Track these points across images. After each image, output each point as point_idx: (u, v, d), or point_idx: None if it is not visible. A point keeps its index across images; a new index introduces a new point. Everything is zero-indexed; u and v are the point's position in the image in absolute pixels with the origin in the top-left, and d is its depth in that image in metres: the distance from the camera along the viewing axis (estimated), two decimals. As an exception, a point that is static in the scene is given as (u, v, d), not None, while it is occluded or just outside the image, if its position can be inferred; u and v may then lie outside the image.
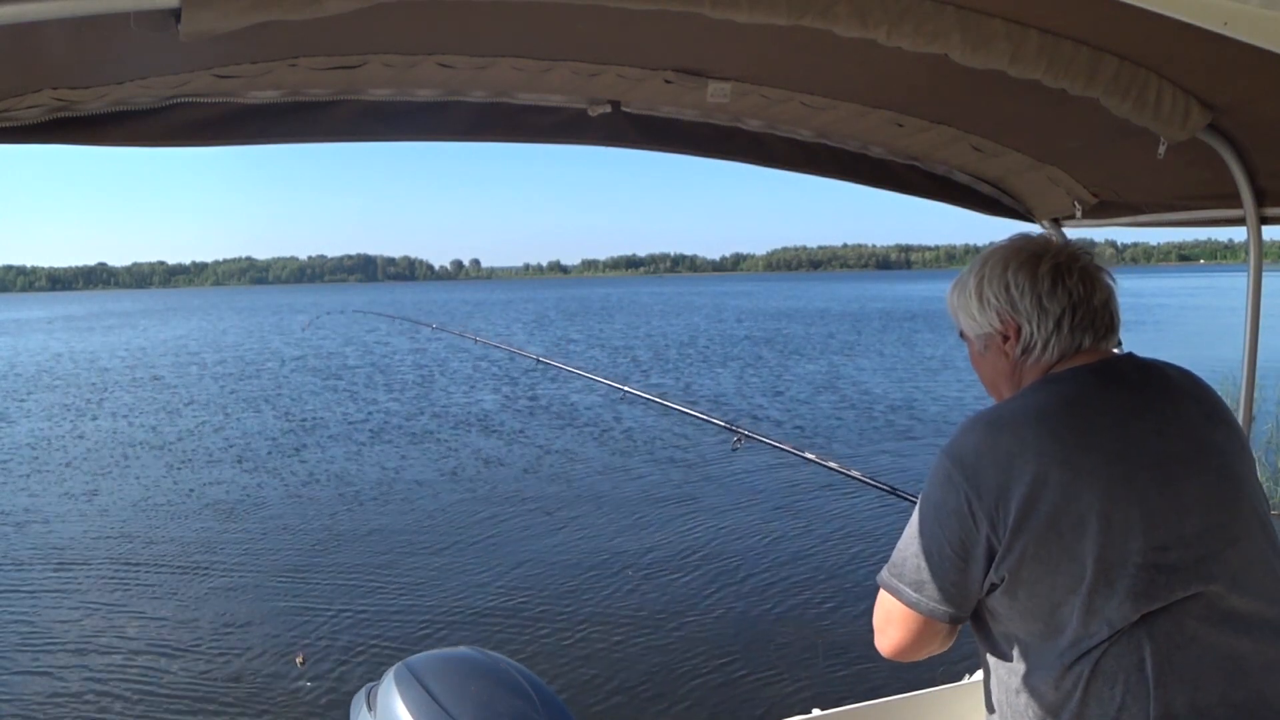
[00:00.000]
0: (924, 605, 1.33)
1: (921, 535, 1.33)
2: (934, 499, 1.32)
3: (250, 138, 1.79)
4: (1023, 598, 1.26)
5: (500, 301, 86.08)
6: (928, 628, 1.36)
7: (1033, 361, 1.38)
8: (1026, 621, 1.27)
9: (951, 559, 1.29)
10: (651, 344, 32.84)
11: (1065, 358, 1.37)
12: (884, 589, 1.40)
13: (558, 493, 11.00)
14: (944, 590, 1.31)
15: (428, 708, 1.55)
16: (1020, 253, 1.40)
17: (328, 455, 13.63)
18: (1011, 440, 1.26)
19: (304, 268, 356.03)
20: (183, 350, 35.10)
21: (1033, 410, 1.30)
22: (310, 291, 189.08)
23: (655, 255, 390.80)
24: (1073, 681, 1.23)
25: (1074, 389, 1.32)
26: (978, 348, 1.47)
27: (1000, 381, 1.45)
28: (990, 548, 1.26)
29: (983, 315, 1.42)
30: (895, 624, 1.39)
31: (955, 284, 1.49)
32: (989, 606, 1.32)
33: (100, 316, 72.56)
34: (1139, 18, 1.11)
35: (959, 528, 1.27)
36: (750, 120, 2.24)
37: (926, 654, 1.43)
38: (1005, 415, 1.32)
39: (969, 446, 1.29)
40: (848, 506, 9.92)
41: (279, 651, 6.51)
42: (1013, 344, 1.39)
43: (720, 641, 6.52)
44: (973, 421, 1.34)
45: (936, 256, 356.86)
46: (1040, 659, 1.27)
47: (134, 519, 10.28)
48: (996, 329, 1.41)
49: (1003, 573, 1.25)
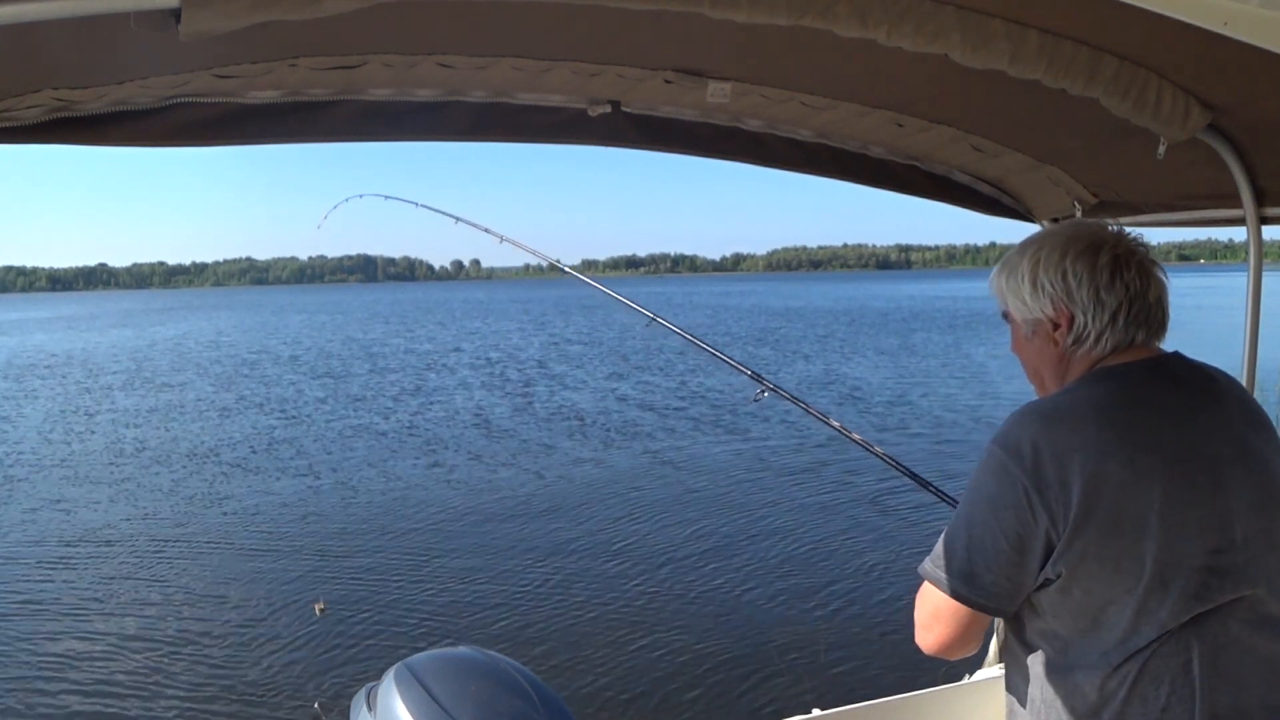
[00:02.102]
0: (974, 599, 1.30)
1: (972, 527, 1.30)
2: (987, 491, 1.28)
3: (250, 138, 1.79)
4: (1077, 595, 1.24)
5: (501, 301, 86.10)
6: (975, 623, 1.34)
7: (1083, 352, 1.36)
8: (1074, 619, 1.26)
9: (1007, 553, 1.26)
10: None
11: (1116, 351, 1.35)
12: (929, 582, 1.36)
13: (560, 492, 11.01)
14: (996, 584, 1.28)
15: (428, 708, 1.55)
16: (1079, 241, 1.36)
17: (328, 455, 13.63)
18: (1070, 434, 1.24)
19: (304, 268, 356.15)
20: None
21: (1091, 404, 1.28)
22: (311, 291, 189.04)
23: (655, 255, 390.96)
24: (1118, 682, 1.23)
25: (1132, 386, 1.30)
26: (1024, 333, 1.44)
27: (1045, 369, 1.42)
28: (1049, 542, 1.24)
29: (1035, 301, 1.38)
30: (942, 619, 1.35)
31: (1003, 266, 1.45)
32: (1033, 601, 1.30)
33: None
34: (1139, 18, 1.11)
35: (1016, 521, 1.25)
36: (750, 120, 2.24)
37: (966, 651, 1.41)
38: (1063, 408, 1.29)
39: (1025, 439, 1.26)
40: (849, 505, 9.92)
41: (279, 651, 6.51)
42: (1063, 332, 1.36)
43: (721, 640, 6.52)
44: (1027, 413, 1.31)
45: (936, 256, 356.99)
46: (1082, 657, 1.26)
47: (134, 517, 10.29)
48: (1048, 316, 1.37)
49: (1060, 568, 1.24)
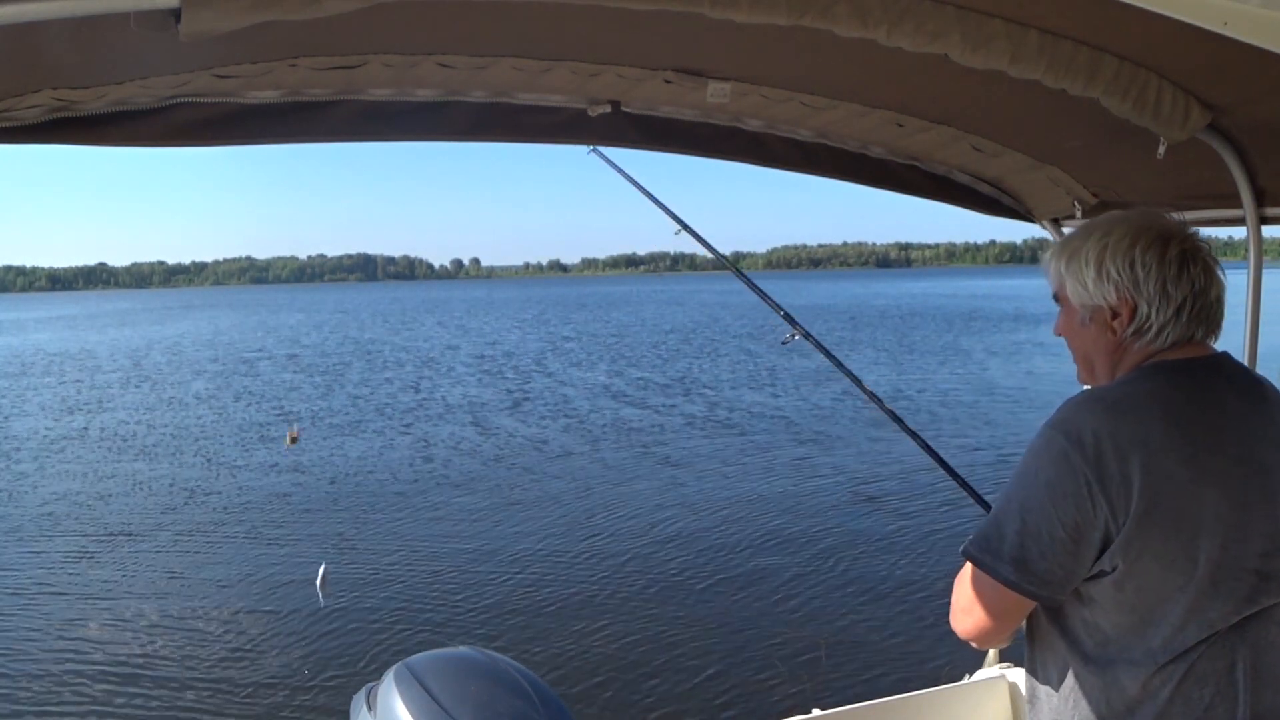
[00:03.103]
0: (1024, 586, 1.27)
1: (1027, 512, 1.27)
2: (1046, 477, 1.26)
3: (250, 138, 1.79)
4: (1130, 590, 1.24)
5: (501, 300, 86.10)
6: (1018, 610, 1.33)
7: (1141, 344, 1.34)
8: (1123, 613, 1.25)
9: (1063, 541, 1.24)
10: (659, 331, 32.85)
11: (1173, 347, 1.33)
12: (976, 566, 1.33)
13: (560, 492, 11.01)
14: (1050, 571, 1.26)
15: (428, 708, 1.55)
16: (1149, 231, 1.33)
17: (326, 455, 13.64)
18: (1135, 428, 1.23)
19: (304, 267, 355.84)
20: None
21: (1156, 399, 1.27)
22: (311, 291, 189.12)
23: (655, 254, 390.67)
24: (1162, 680, 1.23)
25: (1195, 384, 1.30)
26: (1079, 318, 1.40)
27: (1097, 356, 1.40)
28: (1107, 534, 1.23)
29: (1098, 288, 1.35)
30: (987, 604, 1.33)
31: (1063, 249, 1.41)
32: (1082, 591, 1.29)
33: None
34: (1139, 18, 1.11)
35: (1075, 510, 1.23)
36: (750, 120, 2.23)
37: (1001, 640, 1.39)
38: (1127, 400, 1.28)
39: (1088, 427, 1.24)
40: (849, 505, 9.92)
41: (279, 651, 6.52)
42: (1123, 322, 1.34)
43: (721, 640, 6.53)
44: (1089, 402, 1.29)
45: (936, 254, 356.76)
46: (1125, 652, 1.26)
47: (134, 516, 10.30)
48: (1109, 304, 1.34)
49: (1116, 561, 1.23)
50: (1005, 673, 2.65)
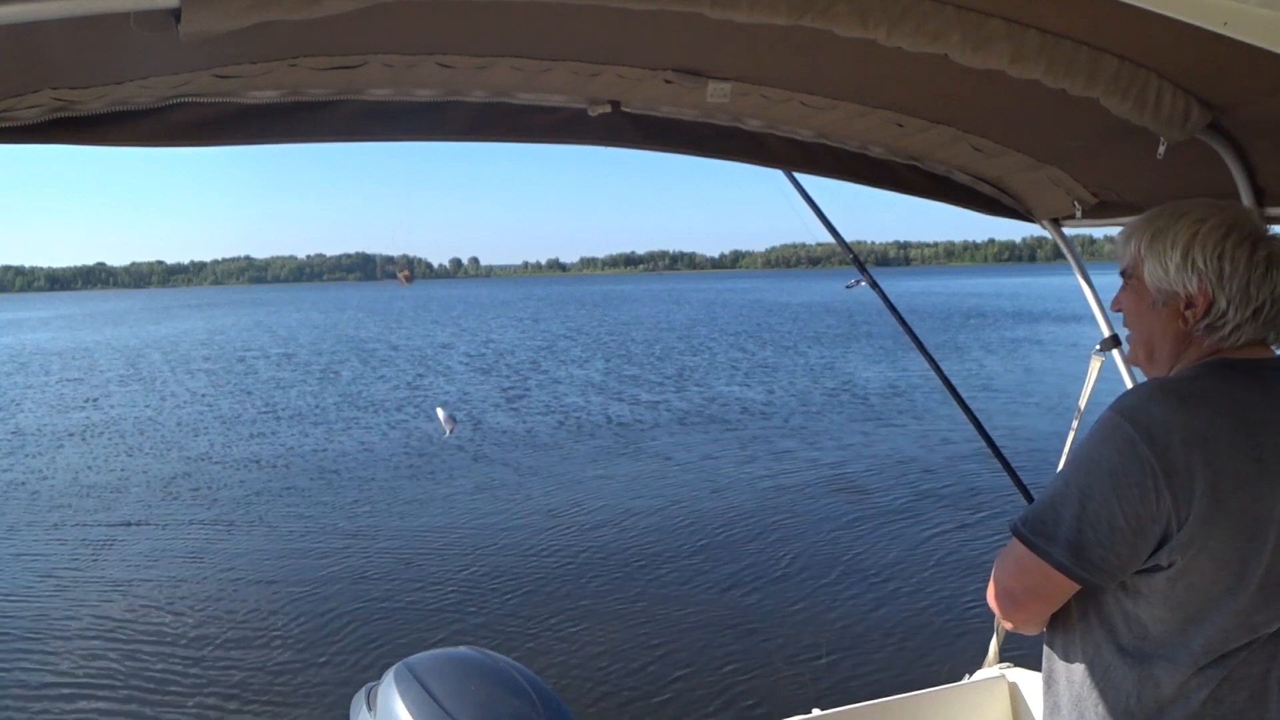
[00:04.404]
0: (1078, 572, 1.25)
1: (1086, 498, 1.25)
2: (1109, 464, 1.23)
3: (250, 138, 1.79)
4: (1181, 588, 1.23)
5: (501, 300, 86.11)
6: (1064, 594, 1.31)
7: (1211, 339, 1.33)
8: (1169, 610, 1.24)
9: (1124, 530, 1.22)
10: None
11: (1242, 346, 1.32)
12: (1028, 549, 1.30)
13: (559, 491, 11.01)
14: (1105, 560, 1.24)
15: (428, 707, 1.55)
16: (1241, 227, 1.32)
17: (326, 454, 13.63)
18: (1207, 424, 1.22)
19: (302, 266, 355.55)
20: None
21: (1228, 396, 1.26)
22: (311, 290, 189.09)
23: (654, 253, 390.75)
24: (1199, 683, 1.23)
25: (1265, 386, 1.28)
26: (1150, 300, 1.37)
27: (1162, 342, 1.38)
28: (1167, 528, 1.21)
29: (1180, 275, 1.32)
30: (1033, 586, 1.32)
31: (1147, 226, 1.38)
32: (1130, 584, 1.27)
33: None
34: (1139, 18, 1.11)
35: (1139, 500, 1.21)
36: (750, 120, 2.23)
37: (1040, 627, 1.38)
38: (1198, 393, 1.26)
39: (1157, 418, 1.22)
40: (849, 505, 9.92)
41: (279, 651, 6.51)
42: (1196, 313, 1.32)
43: (721, 640, 6.53)
44: (1159, 391, 1.27)
45: (935, 253, 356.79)
46: (1164, 648, 1.25)
47: (135, 515, 10.29)
48: (1187, 293, 1.32)
49: (1174, 557, 1.21)
50: (1005, 673, 2.66)
